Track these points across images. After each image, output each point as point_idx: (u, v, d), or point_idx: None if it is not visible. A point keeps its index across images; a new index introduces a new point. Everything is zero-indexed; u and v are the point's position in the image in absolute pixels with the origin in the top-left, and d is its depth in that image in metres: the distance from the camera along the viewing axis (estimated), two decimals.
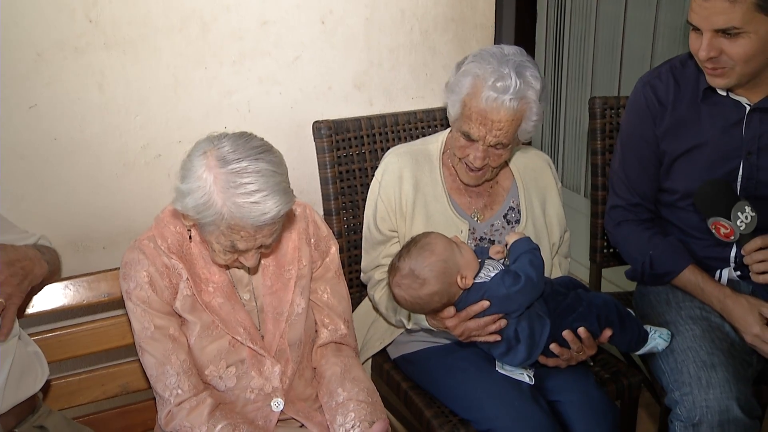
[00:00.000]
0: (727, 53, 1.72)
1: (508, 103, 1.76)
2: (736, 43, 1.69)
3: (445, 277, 1.70)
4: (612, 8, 3.42)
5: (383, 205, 1.97)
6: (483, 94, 1.76)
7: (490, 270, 1.75)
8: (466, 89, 1.82)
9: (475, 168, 1.88)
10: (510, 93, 1.75)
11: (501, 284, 1.70)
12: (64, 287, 1.78)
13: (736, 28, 1.67)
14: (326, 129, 2.11)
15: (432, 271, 1.69)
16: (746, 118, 1.86)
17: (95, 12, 1.86)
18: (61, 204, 1.96)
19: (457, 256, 1.73)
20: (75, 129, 1.92)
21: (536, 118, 1.83)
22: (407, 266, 1.71)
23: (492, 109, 1.77)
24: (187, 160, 1.49)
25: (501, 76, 1.76)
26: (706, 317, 1.89)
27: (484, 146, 1.83)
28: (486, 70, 1.78)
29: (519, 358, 1.76)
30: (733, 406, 1.68)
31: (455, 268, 1.71)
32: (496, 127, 1.79)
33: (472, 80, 1.80)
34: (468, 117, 1.82)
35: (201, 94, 2.05)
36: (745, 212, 1.82)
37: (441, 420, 1.83)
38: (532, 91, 1.79)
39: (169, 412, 1.60)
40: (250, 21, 2.06)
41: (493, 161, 1.87)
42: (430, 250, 1.71)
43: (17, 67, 1.82)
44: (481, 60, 1.81)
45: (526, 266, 1.71)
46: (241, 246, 1.51)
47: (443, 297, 1.72)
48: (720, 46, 1.71)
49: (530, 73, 1.79)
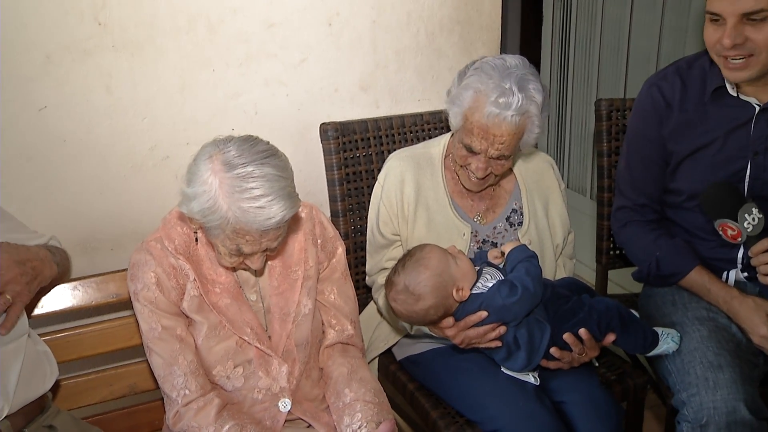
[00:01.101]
0: (753, 40, 1.69)
1: (510, 119, 1.74)
2: (762, 29, 1.67)
3: (440, 291, 1.71)
4: (618, 10, 3.42)
5: (385, 209, 1.98)
6: (485, 110, 1.75)
7: (488, 279, 1.75)
8: (468, 103, 1.80)
9: (478, 178, 1.88)
10: (512, 109, 1.74)
11: (497, 295, 1.70)
12: (72, 288, 1.79)
13: (765, 10, 1.65)
14: (333, 131, 2.12)
15: (426, 287, 1.70)
16: (755, 118, 1.86)
17: (103, 14, 1.87)
18: (69, 205, 1.97)
19: (452, 268, 1.73)
20: (83, 131, 1.93)
21: (538, 130, 1.82)
22: (402, 282, 1.72)
23: (494, 125, 1.76)
24: (193, 164, 1.49)
25: (503, 92, 1.74)
26: (712, 318, 1.88)
27: (485, 158, 1.83)
28: (488, 85, 1.76)
29: (519, 364, 1.76)
30: (740, 407, 1.67)
31: (450, 281, 1.72)
32: (498, 141, 1.78)
33: (474, 95, 1.79)
34: (470, 131, 1.81)
35: (208, 96, 2.06)
36: (752, 214, 1.82)
37: (447, 421, 1.83)
38: (534, 106, 1.77)
39: (176, 412, 1.61)
40: (256, 23, 2.07)
41: (495, 170, 1.87)
42: (424, 265, 1.71)
43: (26, 70, 1.83)
44: (483, 73, 1.79)
45: (522, 276, 1.71)
46: (246, 249, 1.52)
47: (439, 310, 1.73)
48: (744, 32, 1.69)
49: (533, 86, 1.77)
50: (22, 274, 1.53)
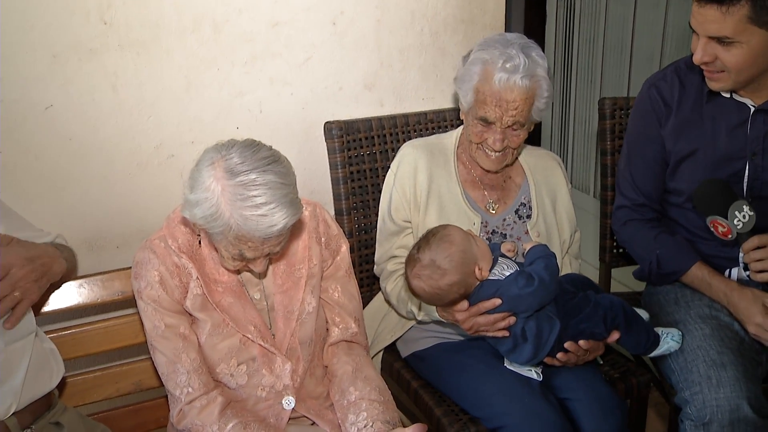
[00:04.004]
0: (721, 60, 1.73)
1: (520, 81, 1.80)
2: (730, 51, 1.71)
3: (464, 267, 1.72)
4: (621, 9, 3.42)
5: (398, 195, 1.99)
6: (495, 77, 1.81)
7: (505, 268, 1.76)
8: (478, 76, 1.86)
9: (495, 151, 1.89)
10: (521, 71, 1.80)
11: (514, 284, 1.71)
12: (78, 286, 1.80)
13: (728, 37, 1.68)
14: (337, 129, 2.13)
15: (452, 262, 1.71)
16: (751, 119, 1.87)
17: (109, 14, 1.88)
18: (75, 204, 1.98)
19: (474, 247, 1.75)
20: (89, 130, 1.94)
21: (547, 94, 1.88)
22: (428, 257, 1.73)
23: (505, 90, 1.81)
24: (196, 170, 1.48)
25: (509, 57, 1.81)
26: (715, 316, 1.89)
27: (501, 128, 1.86)
28: (493, 54, 1.83)
29: (525, 356, 1.76)
30: (743, 405, 1.68)
31: (473, 259, 1.73)
32: (511, 107, 1.82)
33: (482, 66, 1.85)
34: (482, 102, 1.85)
35: (213, 95, 2.07)
36: (743, 211, 1.82)
37: (451, 418, 1.83)
38: (540, 68, 1.84)
39: (180, 410, 1.61)
40: (261, 23, 2.07)
41: (512, 142, 1.90)
42: (449, 241, 1.73)
43: (33, 69, 1.84)
44: (487, 47, 1.87)
45: (540, 270, 1.72)
46: (249, 255, 1.52)
47: (461, 287, 1.73)
48: (714, 52, 1.73)
49: (535, 53, 1.85)
50: (32, 270, 1.54)
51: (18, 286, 1.50)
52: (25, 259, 1.53)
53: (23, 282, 1.51)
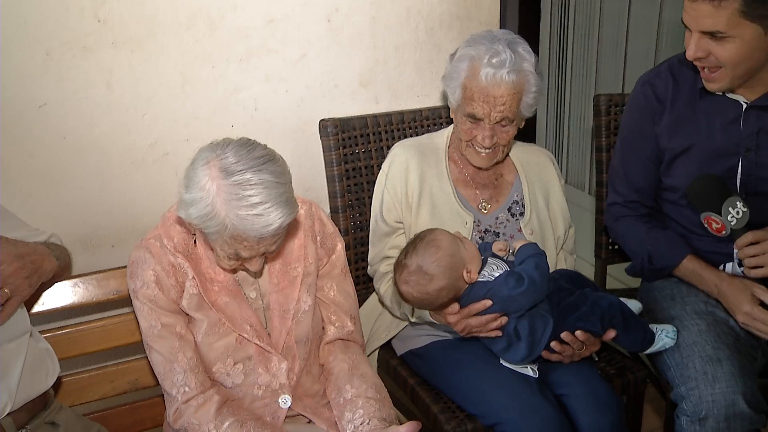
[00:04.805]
0: (715, 55, 1.73)
1: (507, 76, 1.81)
2: (723, 46, 1.71)
3: (452, 271, 1.71)
4: (616, 6, 3.43)
5: (389, 196, 1.99)
6: (481, 73, 1.82)
7: (494, 269, 1.76)
8: (465, 72, 1.86)
9: (485, 148, 1.89)
10: (507, 66, 1.81)
11: (504, 285, 1.71)
12: (73, 285, 1.79)
13: (721, 32, 1.68)
14: (332, 127, 2.12)
15: (440, 267, 1.70)
16: (743, 116, 1.87)
17: (103, 11, 1.87)
18: (70, 202, 1.97)
19: (462, 250, 1.74)
20: (83, 127, 1.93)
21: (535, 89, 1.88)
22: (415, 263, 1.72)
23: (492, 85, 1.81)
24: (191, 169, 1.47)
25: (495, 53, 1.82)
26: (711, 312, 1.89)
27: (490, 124, 1.86)
28: (480, 50, 1.84)
29: (519, 355, 1.77)
30: (739, 400, 1.69)
31: (461, 262, 1.73)
32: (499, 102, 1.83)
33: (469, 63, 1.85)
34: (470, 98, 1.85)
35: (208, 92, 2.06)
36: (736, 207, 1.81)
37: (448, 415, 1.83)
38: (527, 63, 1.85)
39: (176, 409, 1.61)
40: (256, 19, 2.07)
41: (501, 139, 1.90)
42: (436, 246, 1.72)
43: (26, 66, 1.83)
44: (474, 43, 1.87)
45: (531, 269, 1.72)
46: (244, 254, 1.52)
47: (450, 292, 1.73)
48: (707, 47, 1.73)
49: (522, 47, 1.86)
50: (22, 268, 1.53)
51: (7, 283, 1.50)
52: (14, 256, 1.52)
53: (13, 279, 1.51)
